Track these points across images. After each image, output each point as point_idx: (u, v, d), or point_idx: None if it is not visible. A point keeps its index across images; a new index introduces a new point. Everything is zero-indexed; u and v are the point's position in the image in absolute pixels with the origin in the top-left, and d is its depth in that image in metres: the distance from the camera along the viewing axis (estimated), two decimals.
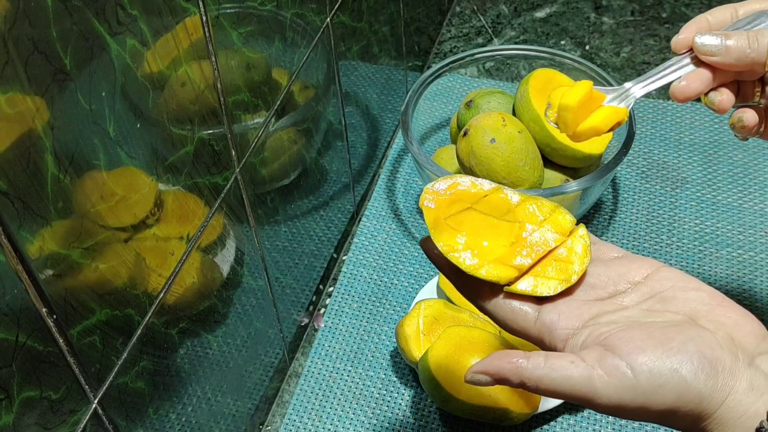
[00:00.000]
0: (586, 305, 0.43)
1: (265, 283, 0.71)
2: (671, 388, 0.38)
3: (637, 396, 0.38)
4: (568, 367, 0.39)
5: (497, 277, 0.44)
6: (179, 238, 0.54)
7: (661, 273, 0.44)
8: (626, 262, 0.45)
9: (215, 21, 0.54)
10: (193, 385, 0.60)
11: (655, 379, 0.38)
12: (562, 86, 0.65)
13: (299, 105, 0.73)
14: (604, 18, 1.25)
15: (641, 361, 0.38)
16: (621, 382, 0.38)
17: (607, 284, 0.45)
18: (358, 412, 0.76)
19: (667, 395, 0.38)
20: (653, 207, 0.93)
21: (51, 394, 0.42)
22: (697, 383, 0.38)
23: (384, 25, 0.94)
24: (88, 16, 0.40)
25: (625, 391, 0.38)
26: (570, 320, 0.43)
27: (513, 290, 0.44)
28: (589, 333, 0.41)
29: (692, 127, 1.03)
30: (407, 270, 0.89)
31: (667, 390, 0.38)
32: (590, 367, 0.39)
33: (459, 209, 0.46)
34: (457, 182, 0.47)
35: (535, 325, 0.43)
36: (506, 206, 0.47)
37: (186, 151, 0.53)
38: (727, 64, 0.53)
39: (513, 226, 0.46)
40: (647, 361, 0.38)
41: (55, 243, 0.40)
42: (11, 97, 0.36)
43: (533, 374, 0.40)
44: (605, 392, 0.38)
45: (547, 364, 0.40)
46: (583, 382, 0.39)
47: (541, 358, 0.40)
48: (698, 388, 0.38)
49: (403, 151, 1.03)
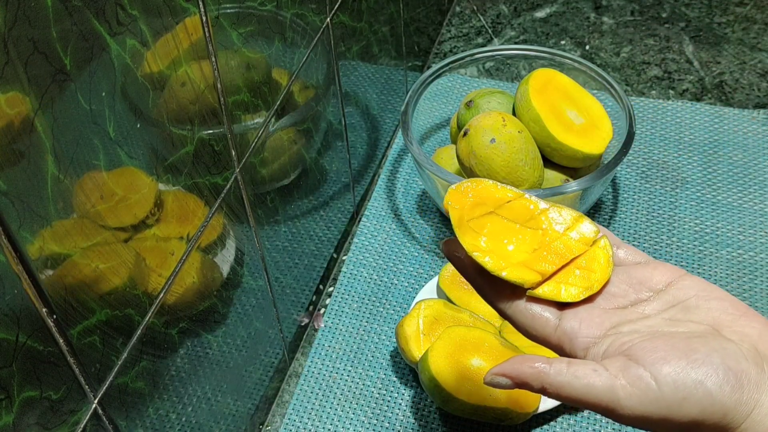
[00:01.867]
0: (608, 314, 0.43)
1: (265, 283, 0.71)
2: (696, 400, 0.37)
3: (661, 408, 0.37)
4: (591, 375, 0.39)
5: (521, 279, 0.43)
6: (179, 238, 0.54)
7: (684, 281, 0.44)
8: (648, 270, 0.45)
9: (215, 21, 0.54)
10: (193, 385, 0.60)
11: (679, 391, 0.37)
12: None
13: (299, 105, 0.73)
14: (604, 18, 1.25)
15: (665, 372, 0.38)
16: (645, 393, 0.38)
17: (628, 292, 0.44)
18: (358, 412, 0.76)
19: (692, 408, 0.37)
20: (653, 207, 0.93)
21: (51, 394, 0.42)
22: (722, 396, 0.37)
23: (384, 25, 0.94)
24: (88, 16, 0.40)
25: (649, 403, 0.38)
26: (591, 329, 0.42)
27: (536, 294, 0.44)
28: (611, 342, 0.41)
29: (692, 127, 1.03)
30: (407, 270, 0.89)
31: (692, 403, 0.37)
32: (613, 377, 0.38)
33: (481, 213, 0.46)
34: (480, 185, 0.47)
35: (556, 332, 0.43)
36: (529, 213, 0.47)
37: (186, 151, 0.53)
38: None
39: (536, 232, 0.46)
40: (671, 372, 0.37)
41: (55, 243, 0.40)
42: (11, 97, 0.36)
43: (555, 380, 0.39)
44: (628, 403, 0.38)
45: (569, 371, 0.39)
46: (605, 392, 0.38)
47: (564, 364, 0.40)
48: (723, 401, 0.37)
49: (403, 151, 1.03)
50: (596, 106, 0.88)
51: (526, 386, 0.40)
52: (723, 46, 1.17)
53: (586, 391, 0.39)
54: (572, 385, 0.39)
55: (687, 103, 1.07)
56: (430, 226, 0.93)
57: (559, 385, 0.39)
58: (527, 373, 0.40)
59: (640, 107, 1.07)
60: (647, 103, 1.07)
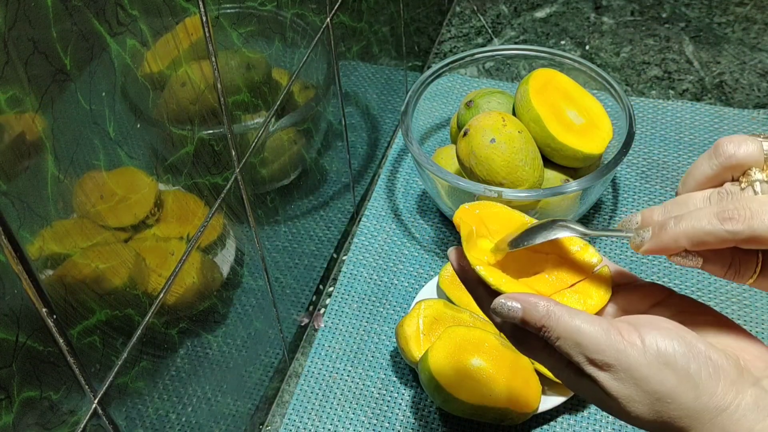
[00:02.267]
0: None
1: (265, 283, 0.71)
2: (673, 371, 0.38)
3: (640, 366, 0.38)
4: (588, 318, 0.40)
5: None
6: (179, 238, 0.54)
7: (671, 299, 0.45)
8: (636, 291, 0.47)
9: (215, 21, 0.54)
10: (193, 385, 0.60)
11: (661, 356, 0.38)
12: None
13: (299, 105, 0.73)
14: (604, 18, 1.25)
15: (653, 336, 0.39)
16: (628, 348, 0.39)
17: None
18: (358, 412, 0.76)
19: (668, 378, 0.38)
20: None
21: (51, 394, 0.42)
22: (698, 378, 0.38)
23: (384, 26, 0.94)
24: (88, 16, 0.40)
25: (630, 358, 0.39)
26: None
27: None
28: None
29: (692, 127, 1.03)
30: (407, 270, 0.89)
31: (669, 373, 0.38)
32: (608, 324, 0.40)
33: (489, 232, 0.48)
34: (487, 207, 0.49)
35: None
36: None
37: (186, 152, 0.53)
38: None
39: (539, 255, 0.48)
40: (659, 339, 0.39)
41: (55, 243, 0.40)
42: (11, 97, 0.36)
43: (556, 310, 0.40)
44: (609, 351, 0.39)
45: (570, 311, 0.40)
46: (594, 332, 0.39)
47: (565, 309, 0.41)
48: (697, 382, 0.38)
49: (403, 151, 1.03)
50: (596, 106, 0.88)
51: (527, 320, 0.41)
52: (723, 46, 1.17)
53: (578, 330, 0.40)
54: (566, 320, 0.40)
55: (687, 103, 1.07)
56: (430, 226, 0.93)
57: (558, 315, 0.40)
58: (532, 299, 0.41)
59: (640, 107, 1.07)
60: (647, 103, 1.07)
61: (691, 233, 0.40)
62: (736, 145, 0.42)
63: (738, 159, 0.42)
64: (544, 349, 0.42)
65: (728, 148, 0.42)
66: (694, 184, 0.44)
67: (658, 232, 0.41)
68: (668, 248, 0.41)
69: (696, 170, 0.44)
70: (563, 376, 0.42)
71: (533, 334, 0.42)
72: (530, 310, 0.41)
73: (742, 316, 0.81)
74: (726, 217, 0.39)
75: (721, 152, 0.42)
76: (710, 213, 0.39)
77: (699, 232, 0.40)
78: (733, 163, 0.42)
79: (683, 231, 0.40)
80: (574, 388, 0.42)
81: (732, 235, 0.39)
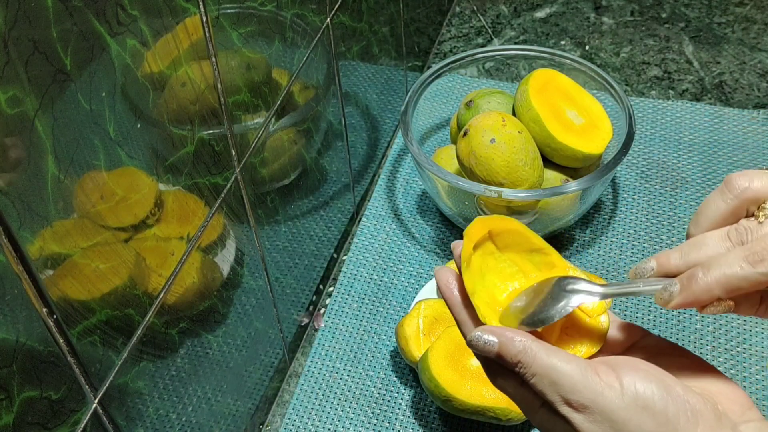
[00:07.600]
0: None
1: (265, 283, 0.71)
2: (652, 414, 0.37)
3: (618, 409, 0.38)
4: (566, 357, 0.39)
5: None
6: (179, 238, 0.54)
7: (646, 340, 0.45)
8: (611, 331, 0.45)
9: (215, 21, 0.54)
10: (193, 385, 0.60)
11: (639, 399, 0.38)
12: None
13: (299, 105, 0.73)
14: (604, 18, 1.25)
15: (632, 378, 0.38)
16: (605, 390, 0.38)
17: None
18: (358, 412, 0.76)
19: (646, 422, 0.37)
20: (653, 207, 0.93)
21: (51, 394, 0.42)
22: (677, 422, 0.37)
23: (384, 26, 0.94)
24: (89, 16, 0.40)
25: (607, 400, 0.38)
26: None
27: None
28: None
29: (692, 127, 1.03)
30: (407, 270, 0.89)
31: (647, 417, 0.37)
32: (586, 365, 0.39)
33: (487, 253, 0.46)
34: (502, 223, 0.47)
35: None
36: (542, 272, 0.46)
37: (186, 152, 0.53)
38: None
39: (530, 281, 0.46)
40: (638, 382, 0.38)
41: (56, 243, 0.41)
42: (11, 97, 0.36)
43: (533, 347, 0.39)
44: (586, 392, 0.38)
45: (548, 348, 0.39)
46: (571, 372, 0.38)
47: (543, 346, 0.40)
48: (676, 426, 0.37)
49: (403, 151, 1.03)
50: (596, 106, 0.88)
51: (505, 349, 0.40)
52: (723, 46, 1.17)
53: (554, 369, 0.39)
54: (543, 360, 0.39)
55: (687, 103, 1.07)
56: (430, 226, 0.94)
57: (533, 354, 0.39)
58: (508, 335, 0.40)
59: (640, 107, 1.07)
60: (647, 103, 1.07)
61: (724, 281, 0.38)
62: (749, 179, 0.41)
63: (754, 191, 0.41)
64: (519, 387, 0.41)
65: (741, 182, 0.41)
66: (707, 223, 0.42)
67: (688, 284, 0.39)
68: (701, 300, 0.39)
69: (708, 208, 0.42)
70: (537, 417, 0.41)
71: (509, 369, 0.41)
72: (507, 344, 0.40)
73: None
74: (757, 260, 0.37)
75: (735, 186, 0.41)
76: (739, 257, 0.38)
77: (732, 279, 0.38)
78: (750, 196, 0.41)
79: (716, 280, 0.38)
80: (547, 429, 0.41)
81: (767, 276, 0.37)
